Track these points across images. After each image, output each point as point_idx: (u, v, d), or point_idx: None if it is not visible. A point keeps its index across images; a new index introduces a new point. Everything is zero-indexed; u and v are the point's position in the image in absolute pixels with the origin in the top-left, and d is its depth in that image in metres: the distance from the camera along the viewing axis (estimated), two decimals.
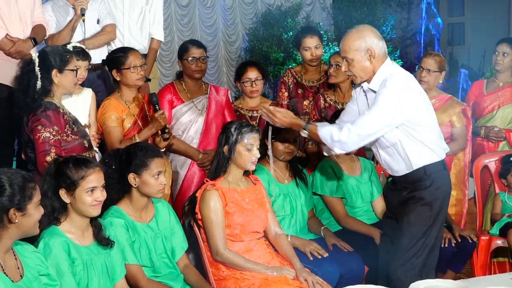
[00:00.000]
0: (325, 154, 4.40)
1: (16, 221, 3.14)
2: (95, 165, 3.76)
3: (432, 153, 4.20)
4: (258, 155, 4.47)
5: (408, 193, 4.28)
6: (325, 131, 4.17)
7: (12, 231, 3.17)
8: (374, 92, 4.18)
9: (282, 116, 4.36)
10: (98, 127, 5.12)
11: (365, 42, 4.15)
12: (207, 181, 4.44)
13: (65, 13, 5.86)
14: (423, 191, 4.20)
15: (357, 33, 4.21)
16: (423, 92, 4.33)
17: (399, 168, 4.28)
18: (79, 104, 5.04)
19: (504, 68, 6.23)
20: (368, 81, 4.23)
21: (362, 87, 4.32)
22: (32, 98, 4.40)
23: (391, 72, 4.14)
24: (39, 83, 4.43)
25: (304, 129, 4.29)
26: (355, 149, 4.29)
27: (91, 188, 3.67)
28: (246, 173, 4.59)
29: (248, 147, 4.41)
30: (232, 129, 4.43)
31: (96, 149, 4.99)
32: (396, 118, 4.06)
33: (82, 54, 5.00)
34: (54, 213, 3.67)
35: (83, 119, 4.97)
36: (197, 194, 4.43)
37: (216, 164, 4.50)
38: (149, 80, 5.91)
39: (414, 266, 4.20)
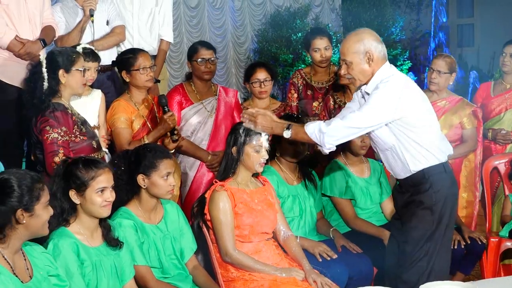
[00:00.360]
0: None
1: (24, 221, 3.15)
2: (105, 166, 3.78)
3: (431, 156, 4.18)
4: (267, 157, 4.46)
5: (409, 196, 4.28)
6: (312, 126, 4.17)
7: (20, 232, 3.18)
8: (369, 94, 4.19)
9: (262, 119, 4.35)
10: (107, 128, 5.13)
11: (364, 45, 4.15)
12: (216, 182, 4.44)
13: (74, 14, 5.86)
14: (422, 194, 4.19)
15: (355, 36, 4.22)
16: (424, 94, 4.33)
17: (400, 171, 4.28)
18: (88, 105, 5.05)
19: (511, 69, 6.19)
20: (367, 84, 4.24)
21: (361, 90, 4.32)
22: (40, 99, 4.42)
23: (387, 75, 4.15)
24: (46, 84, 4.45)
25: (287, 129, 4.26)
26: (343, 142, 4.25)
27: (101, 189, 3.68)
28: (255, 174, 4.59)
29: (256, 148, 4.41)
30: (241, 130, 4.43)
31: (106, 150, 4.99)
32: (387, 117, 4.07)
33: (91, 55, 5.02)
34: (63, 214, 3.68)
35: (92, 120, 4.98)
36: (206, 195, 4.43)
37: (224, 166, 4.50)
38: (158, 81, 5.92)
39: (421, 270, 4.19)
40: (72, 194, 3.67)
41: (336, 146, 4.19)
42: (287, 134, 4.27)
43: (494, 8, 14.40)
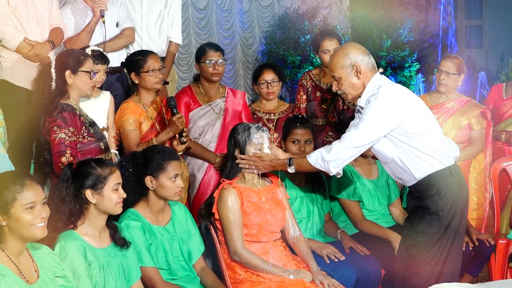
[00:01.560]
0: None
1: (4, 224, 3.15)
2: (114, 164, 3.87)
3: (435, 161, 4.15)
4: (269, 153, 4.47)
5: (417, 202, 4.27)
6: (315, 156, 4.20)
7: (7, 233, 3.18)
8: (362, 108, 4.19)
9: (261, 163, 4.41)
10: (116, 130, 5.14)
11: (350, 59, 4.17)
12: (223, 181, 4.45)
13: (84, 16, 5.88)
14: (428, 200, 4.17)
15: (341, 51, 4.25)
16: (419, 101, 4.31)
17: (406, 180, 4.27)
18: (97, 107, 5.07)
19: None
20: (360, 97, 4.24)
21: (357, 104, 4.32)
22: (48, 99, 4.45)
23: (378, 87, 4.14)
24: (54, 84, 4.47)
25: (290, 165, 4.33)
26: (348, 163, 4.27)
27: (117, 186, 3.73)
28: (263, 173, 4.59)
29: (258, 147, 4.43)
30: (240, 131, 4.46)
31: (116, 152, 5.01)
32: (383, 129, 4.07)
33: (100, 57, 5.04)
34: (72, 217, 3.69)
35: (101, 122, 4.99)
36: (214, 195, 4.44)
37: (229, 168, 4.51)
38: (167, 83, 5.92)
39: (428, 274, 4.17)
40: (88, 194, 3.70)
41: None
42: (291, 169, 4.35)
43: (503, 10, 14.38)
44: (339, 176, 4.40)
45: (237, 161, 4.47)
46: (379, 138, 4.11)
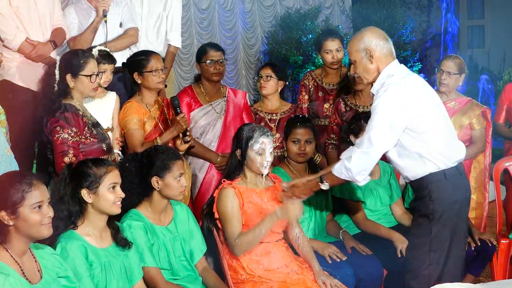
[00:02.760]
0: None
1: (11, 223, 3.14)
2: (112, 163, 3.85)
3: (430, 163, 4.04)
4: (270, 159, 4.46)
5: (413, 202, 4.25)
6: (338, 167, 4.09)
7: (13, 233, 3.17)
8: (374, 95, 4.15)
9: (297, 191, 4.36)
10: (121, 130, 5.14)
11: (364, 43, 4.13)
12: (224, 181, 4.45)
13: (87, 16, 5.88)
14: (420, 201, 4.12)
15: (358, 35, 4.22)
16: (430, 98, 4.21)
17: (404, 175, 4.23)
18: (103, 107, 5.07)
19: None
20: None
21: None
22: (50, 99, 4.46)
23: (390, 76, 4.07)
24: (56, 86, 4.48)
25: (322, 182, 4.23)
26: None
27: (113, 185, 3.72)
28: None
29: (259, 151, 4.41)
30: (243, 134, 4.46)
31: (119, 152, 5.01)
32: (392, 129, 3.97)
33: (107, 57, 5.05)
34: (71, 217, 3.69)
35: (107, 122, 5.00)
36: (214, 194, 4.44)
37: (229, 168, 4.52)
38: (165, 86, 5.93)
39: (427, 279, 4.09)
40: (84, 193, 3.69)
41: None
42: (325, 186, 4.24)
43: (505, 10, 14.38)
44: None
45: (283, 196, 4.44)
46: (393, 137, 4.01)
